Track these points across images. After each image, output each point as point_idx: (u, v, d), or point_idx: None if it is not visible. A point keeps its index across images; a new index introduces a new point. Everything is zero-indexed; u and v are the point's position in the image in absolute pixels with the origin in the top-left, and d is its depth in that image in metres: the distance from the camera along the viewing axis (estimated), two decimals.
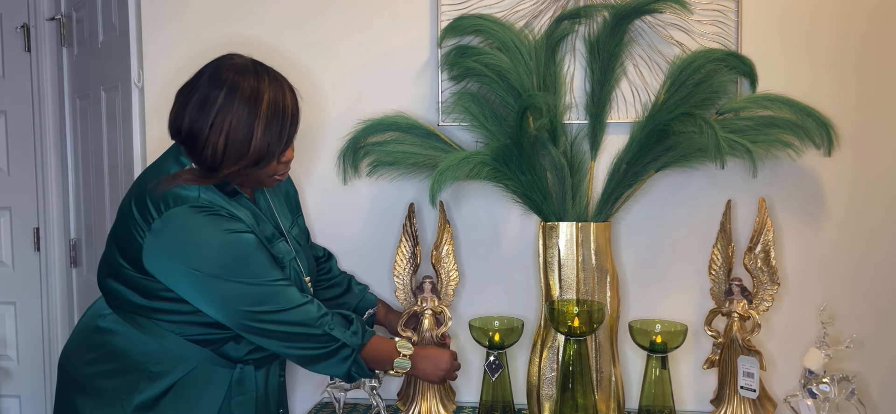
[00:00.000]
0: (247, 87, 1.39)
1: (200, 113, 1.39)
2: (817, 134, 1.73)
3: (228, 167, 1.40)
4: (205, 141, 1.39)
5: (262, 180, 1.51)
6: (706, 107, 1.78)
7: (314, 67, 1.98)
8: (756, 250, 1.80)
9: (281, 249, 1.55)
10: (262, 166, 1.44)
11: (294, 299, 1.48)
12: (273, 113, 1.41)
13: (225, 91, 1.38)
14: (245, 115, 1.38)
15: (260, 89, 1.40)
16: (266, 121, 1.40)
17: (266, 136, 1.40)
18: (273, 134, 1.41)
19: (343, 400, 1.83)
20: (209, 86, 1.40)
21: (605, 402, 1.80)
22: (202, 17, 2.01)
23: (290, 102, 1.45)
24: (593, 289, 1.80)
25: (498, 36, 1.83)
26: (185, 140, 1.43)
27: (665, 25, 1.86)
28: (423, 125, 1.88)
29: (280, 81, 1.46)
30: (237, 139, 1.38)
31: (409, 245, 1.90)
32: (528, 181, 1.77)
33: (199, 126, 1.39)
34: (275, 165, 1.48)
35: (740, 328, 1.78)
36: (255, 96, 1.39)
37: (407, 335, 1.87)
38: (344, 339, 1.52)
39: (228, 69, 1.42)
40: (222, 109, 1.38)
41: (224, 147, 1.38)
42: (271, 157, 1.44)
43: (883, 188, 1.86)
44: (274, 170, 1.49)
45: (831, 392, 1.67)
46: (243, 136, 1.38)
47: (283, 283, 1.48)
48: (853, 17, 1.83)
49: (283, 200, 1.71)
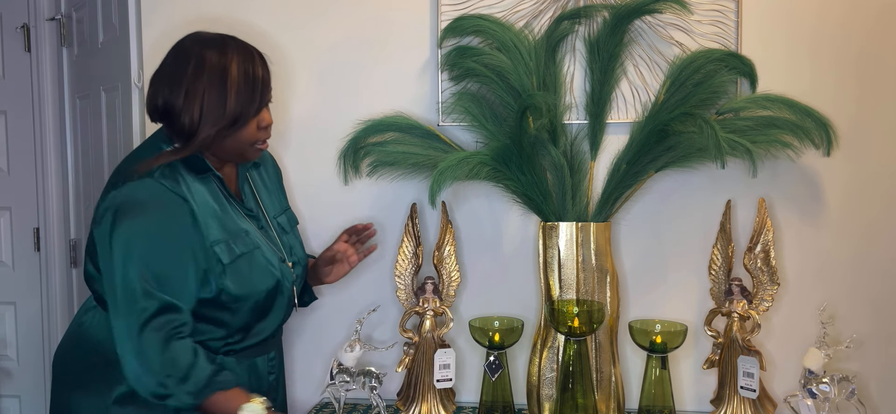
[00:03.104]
0: (213, 58, 1.43)
1: (173, 88, 1.43)
2: (817, 134, 1.73)
3: (206, 130, 1.43)
4: (180, 110, 1.42)
5: (244, 151, 1.52)
6: (706, 107, 1.78)
7: (314, 67, 1.98)
8: (756, 250, 1.80)
9: (246, 241, 1.52)
10: (239, 127, 1.45)
11: (142, 314, 1.38)
12: (243, 79, 1.44)
13: (193, 63, 1.42)
14: (216, 82, 1.42)
15: (227, 58, 1.44)
16: (237, 87, 1.43)
17: (239, 100, 1.43)
18: (245, 98, 1.44)
19: (343, 400, 1.83)
20: (177, 62, 1.44)
21: (605, 402, 1.80)
22: (202, 18, 2.01)
23: (259, 70, 1.48)
24: (593, 289, 1.80)
25: (498, 36, 1.83)
26: (162, 116, 1.46)
27: (665, 25, 1.86)
28: (423, 125, 1.88)
29: (249, 51, 1.48)
30: (211, 104, 1.42)
31: (412, 245, 1.90)
32: (528, 181, 1.77)
33: (173, 100, 1.42)
34: (254, 131, 1.49)
35: (740, 328, 1.78)
36: (223, 65, 1.43)
37: (408, 336, 1.87)
38: (175, 398, 1.40)
39: (193, 43, 1.46)
40: (193, 80, 1.41)
41: (200, 113, 1.42)
42: (247, 118, 1.46)
43: (882, 188, 1.86)
44: (253, 136, 1.50)
45: (831, 392, 1.67)
46: (217, 100, 1.42)
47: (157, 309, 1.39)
48: (853, 18, 1.83)
49: (276, 186, 1.73)
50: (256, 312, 1.55)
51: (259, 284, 1.53)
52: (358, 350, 1.80)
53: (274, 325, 1.62)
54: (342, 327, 2.00)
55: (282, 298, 1.60)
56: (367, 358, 1.94)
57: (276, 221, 1.66)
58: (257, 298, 1.53)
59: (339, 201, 1.98)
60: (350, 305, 1.99)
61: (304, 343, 2.04)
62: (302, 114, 1.99)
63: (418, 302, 1.88)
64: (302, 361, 2.04)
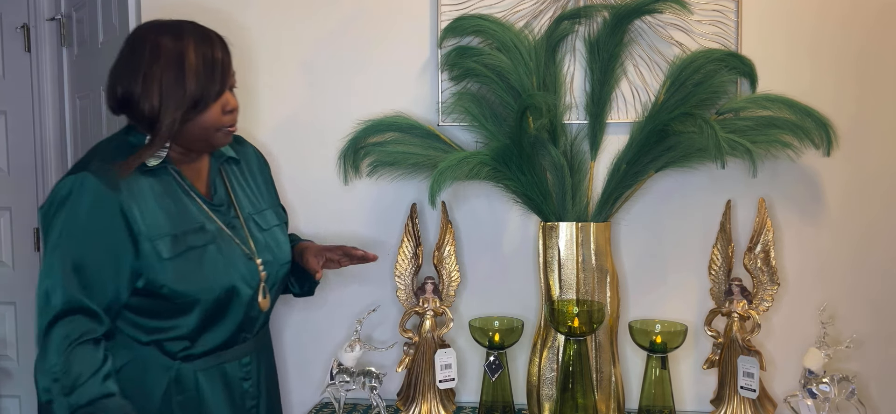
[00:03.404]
0: (169, 42, 1.40)
1: (130, 77, 1.40)
2: (817, 134, 1.73)
3: (169, 114, 1.39)
4: (139, 97, 1.39)
5: (210, 138, 1.47)
6: (706, 107, 1.78)
7: (314, 67, 1.98)
8: (756, 250, 1.80)
9: (199, 237, 1.46)
10: (201, 110, 1.42)
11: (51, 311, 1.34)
12: (202, 61, 1.41)
13: (148, 50, 1.39)
14: (173, 65, 1.39)
15: (183, 42, 1.41)
16: (195, 68, 1.40)
17: (199, 82, 1.40)
18: (205, 80, 1.41)
19: (343, 400, 1.83)
20: (132, 51, 1.41)
21: (605, 402, 1.80)
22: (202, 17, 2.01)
23: (218, 52, 1.45)
24: (593, 289, 1.80)
25: (498, 36, 1.83)
26: (123, 107, 1.43)
27: (665, 25, 1.86)
28: (423, 125, 1.88)
29: (206, 33, 1.46)
30: (170, 86, 1.38)
31: (412, 245, 1.90)
32: (527, 181, 1.77)
33: (131, 88, 1.39)
34: (219, 114, 1.45)
35: (740, 328, 1.78)
36: (179, 49, 1.40)
37: (408, 336, 1.88)
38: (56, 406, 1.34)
39: (148, 31, 1.43)
40: (150, 66, 1.38)
41: (159, 98, 1.38)
42: (208, 100, 1.42)
43: (882, 188, 1.86)
44: (219, 120, 1.45)
45: (831, 392, 1.67)
46: (175, 82, 1.38)
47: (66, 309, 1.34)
48: (853, 18, 1.83)
49: (260, 182, 1.68)
50: (209, 311, 1.46)
51: (210, 281, 1.44)
52: (358, 350, 1.80)
53: (232, 325, 1.51)
54: (342, 327, 2.00)
55: (239, 299, 1.50)
56: (367, 358, 1.94)
57: (253, 217, 1.59)
58: (208, 296, 1.44)
59: (339, 201, 1.98)
60: (350, 305, 1.99)
61: (304, 343, 2.04)
62: (302, 114, 1.99)
63: (418, 302, 1.88)
64: (302, 361, 2.04)
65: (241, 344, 1.55)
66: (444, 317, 1.88)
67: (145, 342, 1.45)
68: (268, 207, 1.66)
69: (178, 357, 1.47)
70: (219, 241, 1.49)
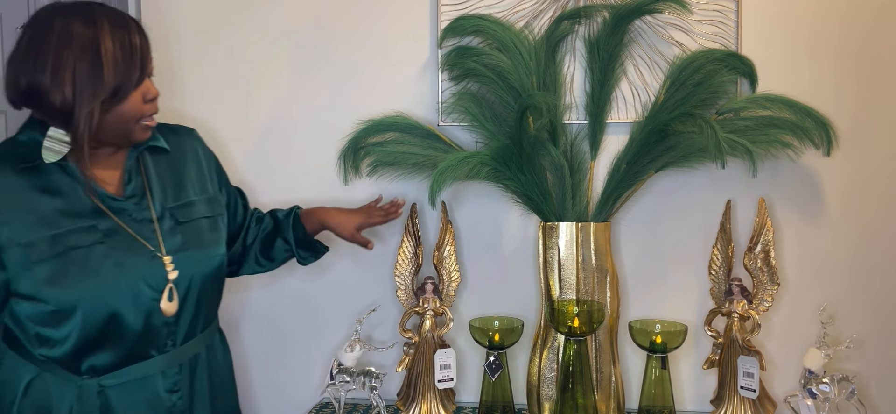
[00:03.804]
0: (80, 27, 1.27)
1: (36, 65, 1.26)
2: (816, 134, 1.73)
3: (86, 105, 1.26)
4: (48, 88, 1.26)
5: (129, 130, 1.35)
6: (706, 107, 1.78)
7: (314, 68, 1.98)
8: (756, 250, 1.80)
9: (84, 237, 1.32)
10: (120, 99, 1.30)
11: None
12: (119, 47, 1.29)
13: (57, 35, 1.26)
14: (88, 51, 1.26)
15: (97, 26, 1.28)
16: (113, 55, 1.28)
17: (117, 70, 1.28)
18: (124, 67, 1.29)
19: (343, 400, 1.83)
20: (37, 37, 1.28)
21: (605, 402, 1.80)
22: (203, 17, 2.01)
23: (136, 38, 1.32)
24: (593, 289, 1.80)
25: (498, 36, 1.83)
26: (28, 99, 1.30)
27: (665, 25, 1.86)
28: (423, 125, 1.88)
29: (121, 16, 1.32)
30: (84, 75, 1.26)
31: (412, 245, 1.90)
32: (528, 181, 1.77)
33: (38, 78, 1.26)
34: (139, 104, 1.33)
35: (740, 328, 1.78)
36: (93, 34, 1.27)
37: (408, 336, 1.88)
38: None
39: (53, 14, 1.29)
40: (59, 53, 1.25)
41: (73, 88, 1.26)
42: (128, 89, 1.30)
43: (882, 188, 1.86)
44: (139, 110, 1.34)
45: (831, 392, 1.67)
46: (90, 70, 1.26)
47: None
48: (853, 18, 1.83)
49: (191, 171, 1.53)
50: (93, 317, 1.31)
51: (92, 285, 1.30)
52: (358, 350, 1.80)
53: (128, 333, 1.35)
54: (342, 327, 2.00)
55: (134, 304, 1.34)
56: (367, 358, 1.94)
57: (171, 211, 1.44)
58: (90, 300, 1.30)
59: (339, 201, 1.98)
60: (350, 305, 1.99)
61: (304, 343, 2.04)
62: (302, 114, 1.99)
63: (418, 302, 1.88)
64: (302, 361, 2.04)
65: (162, 355, 1.40)
66: (444, 317, 1.88)
67: (40, 357, 1.34)
68: (198, 198, 1.51)
69: (84, 374, 1.35)
70: (111, 239, 1.34)
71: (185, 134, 1.58)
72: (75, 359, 1.34)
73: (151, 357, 1.39)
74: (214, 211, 1.53)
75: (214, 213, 1.53)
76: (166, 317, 1.38)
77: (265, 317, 2.05)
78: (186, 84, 2.02)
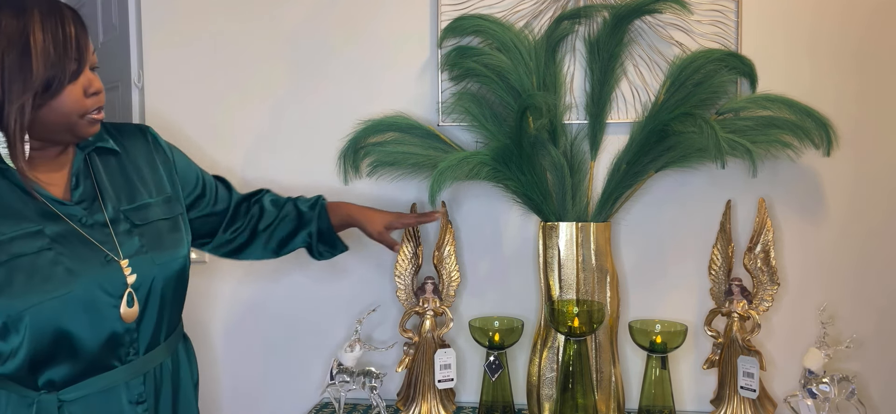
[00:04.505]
0: (7, 18, 1.20)
1: None
2: (817, 134, 1.73)
3: (16, 100, 1.19)
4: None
5: (73, 126, 1.27)
6: (706, 107, 1.78)
7: (314, 68, 1.98)
8: (756, 250, 1.80)
9: (28, 244, 1.23)
10: (55, 93, 1.22)
11: None
12: (51, 38, 1.22)
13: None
14: (16, 43, 1.19)
15: (27, 16, 1.21)
16: (42, 46, 1.21)
17: (48, 62, 1.21)
18: (56, 58, 1.22)
19: (343, 400, 1.83)
20: None
21: (605, 402, 1.80)
22: (203, 17, 2.01)
23: (70, 27, 1.24)
24: (593, 289, 1.80)
25: (498, 36, 1.83)
26: None
27: (665, 25, 1.86)
28: (423, 125, 1.88)
29: (55, 6, 1.25)
30: (13, 69, 1.19)
31: (412, 245, 1.90)
32: (528, 181, 1.77)
33: None
34: (80, 97, 1.26)
35: (740, 328, 1.78)
36: (21, 25, 1.20)
37: (408, 336, 1.88)
38: None
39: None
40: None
41: (2, 83, 1.19)
42: (63, 81, 1.23)
43: (882, 188, 1.86)
44: (81, 104, 1.26)
45: (831, 392, 1.67)
46: (19, 63, 1.19)
47: None
48: (853, 17, 1.83)
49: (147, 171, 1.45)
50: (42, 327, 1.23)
51: (39, 293, 1.21)
52: (358, 350, 1.80)
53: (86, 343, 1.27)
54: (342, 327, 2.00)
55: (89, 311, 1.26)
56: (367, 358, 1.94)
57: (125, 213, 1.36)
58: (37, 309, 1.21)
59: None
60: (350, 305, 2.00)
61: (304, 343, 2.04)
62: (302, 114, 1.99)
63: (418, 302, 1.88)
64: (302, 361, 2.04)
65: (124, 365, 1.32)
66: (444, 317, 1.88)
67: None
68: (154, 199, 1.42)
69: (41, 389, 1.26)
70: (60, 245, 1.26)
71: (135, 134, 1.48)
72: (30, 373, 1.25)
73: (113, 368, 1.31)
74: (173, 212, 1.45)
75: (173, 213, 1.44)
76: (127, 323, 1.30)
77: (265, 316, 2.05)
78: (185, 83, 2.02)
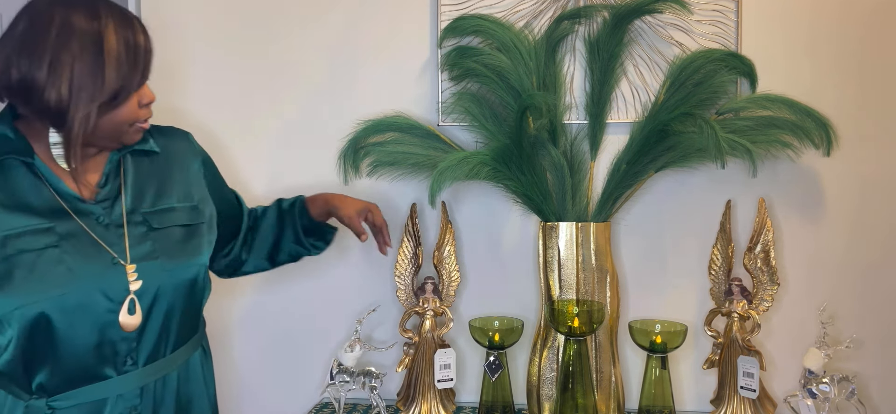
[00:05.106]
0: (83, 22, 1.18)
1: (32, 58, 1.16)
2: (817, 134, 1.73)
3: (83, 108, 1.18)
4: (44, 85, 1.16)
5: (121, 133, 1.27)
6: (706, 107, 1.78)
7: (314, 67, 1.98)
8: (756, 250, 1.80)
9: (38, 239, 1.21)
10: (120, 103, 1.22)
11: None
12: (124, 47, 1.21)
13: (57, 28, 1.17)
14: (90, 50, 1.18)
15: (101, 22, 1.20)
16: (116, 55, 1.19)
17: (119, 72, 1.20)
18: (127, 70, 1.21)
19: (343, 400, 1.83)
20: (34, 27, 1.18)
21: (605, 402, 1.80)
22: (202, 16, 2.01)
23: (140, 37, 1.24)
24: (593, 289, 1.80)
25: (498, 36, 1.83)
26: (18, 93, 1.19)
27: (665, 25, 1.86)
28: (423, 125, 1.88)
29: (126, 15, 1.24)
30: (84, 75, 1.17)
31: (411, 245, 1.90)
32: (528, 181, 1.77)
33: (32, 72, 1.16)
34: (135, 108, 1.25)
35: (740, 328, 1.78)
36: (96, 30, 1.19)
37: (408, 336, 1.88)
38: None
39: (53, 4, 1.19)
40: (58, 48, 1.16)
41: (70, 88, 1.17)
42: (129, 92, 1.22)
43: (882, 188, 1.86)
44: (134, 114, 1.26)
45: (831, 392, 1.67)
46: (91, 71, 1.18)
47: None
48: (853, 17, 1.83)
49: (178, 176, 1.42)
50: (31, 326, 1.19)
51: (35, 292, 1.18)
52: (358, 350, 1.80)
53: (79, 347, 1.23)
54: (342, 327, 2.00)
55: (83, 313, 1.21)
56: (367, 358, 1.94)
57: (144, 214, 1.32)
58: (29, 309, 1.18)
59: None
60: (350, 305, 2.00)
61: (305, 343, 2.04)
62: (302, 114, 1.99)
63: (418, 302, 1.88)
64: (302, 361, 2.04)
65: (120, 375, 1.26)
66: (444, 317, 1.88)
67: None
68: (180, 205, 1.39)
69: (34, 393, 1.22)
70: (67, 243, 1.22)
71: (178, 137, 1.47)
72: (23, 374, 1.22)
73: (107, 378, 1.25)
74: (195, 220, 1.40)
75: (194, 221, 1.39)
76: (126, 332, 1.24)
77: (265, 317, 2.05)
78: (184, 83, 2.02)
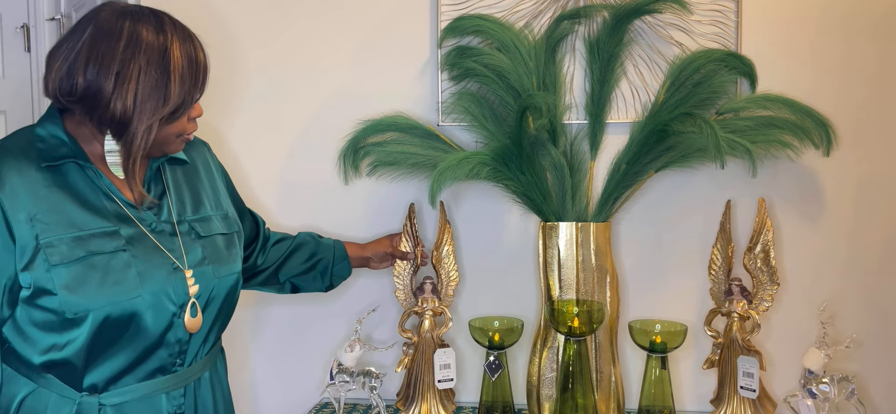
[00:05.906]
0: (151, 36, 1.22)
1: (99, 68, 1.19)
2: (816, 134, 1.73)
3: (144, 120, 1.21)
4: (110, 96, 1.19)
5: (167, 144, 1.30)
6: (706, 107, 1.78)
7: (314, 67, 1.98)
8: (756, 250, 1.80)
9: (105, 243, 1.24)
10: (177, 117, 1.26)
11: None
12: (187, 63, 1.24)
13: (125, 40, 1.20)
14: (157, 64, 1.21)
15: (167, 38, 1.23)
16: (181, 71, 1.23)
17: (182, 88, 1.24)
18: (188, 85, 1.25)
19: (343, 400, 1.83)
20: (101, 37, 1.20)
21: (605, 402, 1.80)
22: (202, 18, 2.01)
23: (201, 53, 1.28)
24: (593, 289, 1.80)
25: (498, 36, 1.83)
26: (82, 100, 1.21)
27: (665, 25, 1.86)
28: (423, 125, 1.88)
29: (187, 31, 1.28)
30: (149, 89, 1.21)
31: (410, 245, 1.90)
32: (527, 181, 1.77)
33: (100, 82, 1.19)
34: (184, 122, 1.29)
35: (740, 328, 1.78)
36: (163, 45, 1.22)
37: (407, 336, 1.88)
38: None
39: (121, 16, 1.22)
40: (126, 60, 1.19)
41: (135, 100, 1.20)
42: (187, 107, 1.27)
43: (882, 187, 1.86)
44: (183, 127, 1.30)
45: (831, 392, 1.67)
46: (156, 85, 1.21)
47: None
48: (853, 17, 1.83)
49: (207, 184, 1.48)
50: (105, 325, 1.23)
51: (111, 293, 1.22)
52: (358, 350, 1.80)
53: (142, 347, 1.27)
54: (342, 327, 2.00)
55: (152, 315, 1.26)
56: (367, 358, 1.94)
57: (191, 223, 1.38)
58: (106, 309, 1.22)
59: (339, 201, 1.98)
60: (350, 305, 1.99)
61: (304, 343, 2.04)
62: (302, 114, 1.99)
63: (417, 302, 1.88)
64: (302, 361, 2.04)
65: (167, 375, 1.32)
66: (444, 317, 1.88)
67: (39, 365, 1.25)
68: (214, 213, 1.45)
69: (84, 390, 1.26)
70: (134, 247, 1.27)
71: (200, 147, 1.52)
72: (78, 372, 1.25)
73: (155, 377, 1.31)
74: (230, 229, 1.46)
75: (230, 230, 1.46)
76: (190, 333, 1.32)
77: (265, 317, 2.05)
78: None
